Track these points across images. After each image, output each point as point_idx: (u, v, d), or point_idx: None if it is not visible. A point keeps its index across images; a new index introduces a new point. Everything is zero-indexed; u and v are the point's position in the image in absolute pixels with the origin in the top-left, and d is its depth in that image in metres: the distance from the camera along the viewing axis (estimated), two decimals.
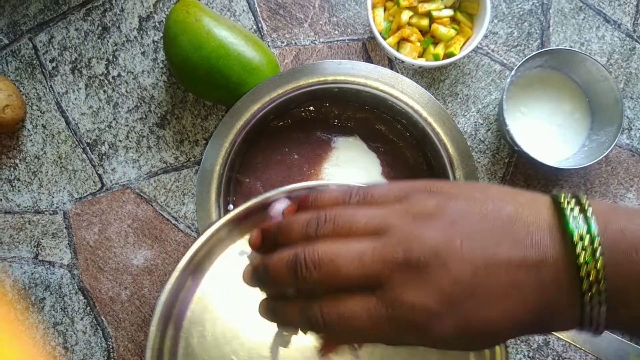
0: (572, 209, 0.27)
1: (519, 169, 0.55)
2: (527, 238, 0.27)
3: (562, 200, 0.27)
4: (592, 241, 0.25)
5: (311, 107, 0.54)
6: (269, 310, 0.32)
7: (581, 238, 0.26)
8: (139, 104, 0.57)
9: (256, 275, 0.32)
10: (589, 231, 0.26)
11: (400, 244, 0.27)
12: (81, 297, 0.56)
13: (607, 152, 0.49)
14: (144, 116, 0.57)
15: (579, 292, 0.26)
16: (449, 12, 0.53)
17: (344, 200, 0.31)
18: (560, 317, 0.27)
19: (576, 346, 0.40)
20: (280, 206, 0.38)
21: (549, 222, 0.27)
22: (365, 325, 0.28)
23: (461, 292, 0.27)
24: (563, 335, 0.40)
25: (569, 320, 0.27)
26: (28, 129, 0.58)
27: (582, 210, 0.27)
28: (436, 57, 0.53)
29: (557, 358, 0.53)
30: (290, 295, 0.31)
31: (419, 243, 0.27)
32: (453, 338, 0.27)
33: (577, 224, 0.26)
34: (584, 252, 0.25)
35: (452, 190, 0.29)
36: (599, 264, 0.25)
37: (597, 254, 0.25)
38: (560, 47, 0.54)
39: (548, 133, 0.53)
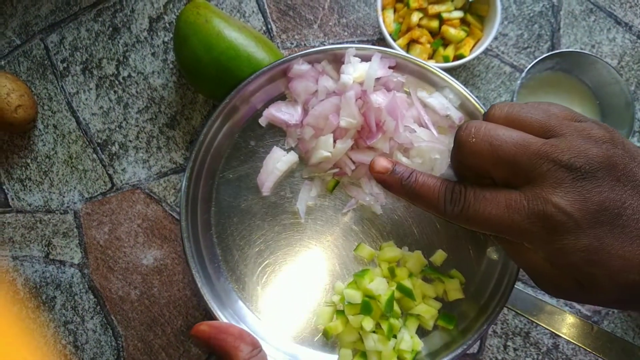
0: None
1: None
2: None
3: None
4: None
5: None
6: (403, 189, 0.36)
7: None
8: (149, 105, 0.57)
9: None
10: None
11: (568, 149, 0.29)
12: (91, 296, 0.56)
13: None
14: (154, 117, 0.57)
15: None
16: (459, 14, 0.53)
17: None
18: None
19: (587, 350, 0.40)
20: (299, 68, 0.45)
21: None
22: (500, 214, 0.30)
23: (613, 213, 0.28)
24: (574, 339, 0.40)
25: None
26: (39, 129, 0.58)
27: None
28: (446, 59, 0.52)
29: None
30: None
31: (585, 155, 0.29)
32: (579, 258, 0.28)
33: None
34: None
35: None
36: None
37: None
38: (570, 49, 0.54)
39: None
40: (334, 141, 0.45)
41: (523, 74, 0.50)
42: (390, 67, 0.46)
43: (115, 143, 0.57)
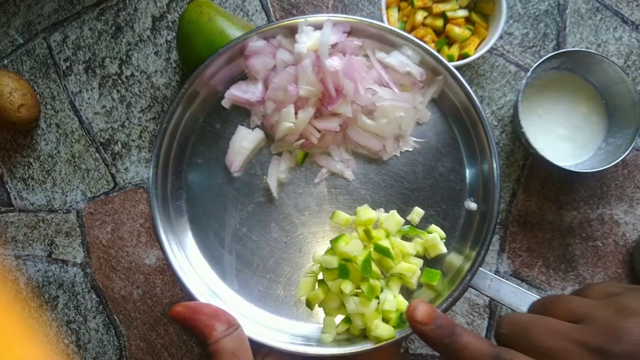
0: None
1: (534, 172, 0.54)
2: None
3: None
4: None
5: None
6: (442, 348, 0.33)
7: None
8: (151, 104, 0.57)
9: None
10: None
11: (600, 332, 0.29)
12: (94, 296, 0.56)
13: (624, 155, 0.48)
14: (157, 116, 0.57)
15: None
16: (464, 13, 0.53)
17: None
18: None
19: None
20: (254, 44, 0.45)
21: None
22: None
23: None
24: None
25: None
26: (42, 128, 0.58)
27: None
28: (450, 58, 0.52)
29: None
30: None
31: (619, 337, 0.28)
32: None
33: None
34: None
35: None
36: None
37: None
38: (576, 49, 0.54)
39: (564, 135, 0.53)
40: (296, 112, 0.45)
41: (528, 73, 0.49)
42: (346, 33, 0.46)
43: (118, 142, 0.57)
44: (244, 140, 0.46)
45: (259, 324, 0.44)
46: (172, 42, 0.57)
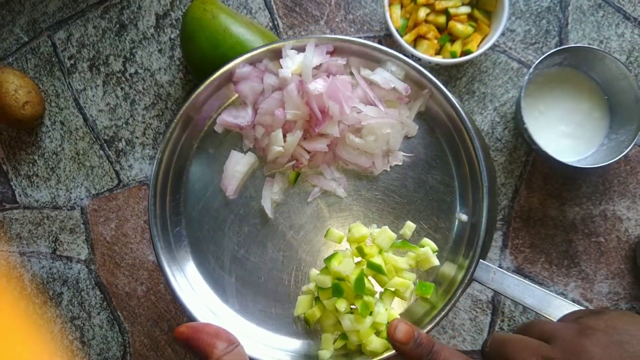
0: None
1: (537, 168, 0.54)
2: None
3: None
4: None
5: None
6: None
7: None
8: (155, 101, 0.57)
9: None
10: None
11: (563, 349, 0.33)
12: (98, 292, 0.57)
13: (627, 151, 0.48)
14: (161, 113, 0.57)
15: None
16: (467, 9, 0.53)
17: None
18: None
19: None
20: (241, 70, 0.46)
21: None
22: None
23: None
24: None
25: None
26: (47, 125, 0.58)
27: None
28: (453, 55, 0.52)
29: None
30: None
31: (578, 353, 0.32)
32: None
33: None
34: None
35: (619, 317, 0.35)
36: None
37: None
38: (579, 45, 0.54)
39: (566, 132, 0.53)
40: (285, 134, 0.46)
41: (531, 70, 0.49)
42: (330, 52, 0.47)
43: (122, 139, 0.57)
44: (238, 165, 0.47)
45: (259, 342, 0.45)
46: (175, 40, 0.58)
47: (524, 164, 0.55)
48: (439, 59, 0.52)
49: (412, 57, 0.55)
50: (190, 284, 0.46)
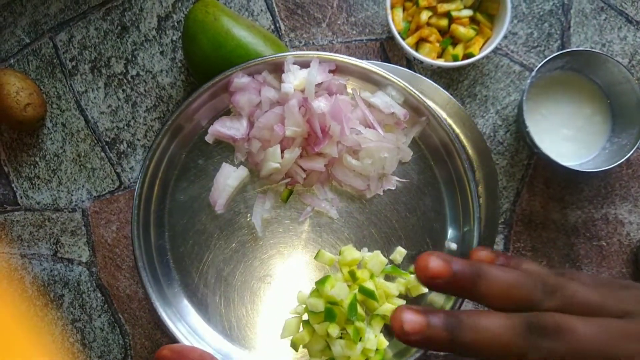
0: None
1: (538, 171, 0.54)
2: None
3: None
4: None
5: None
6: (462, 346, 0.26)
7: None
8: (157, 103, 0.57)
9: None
10: None
11: None
12: (99, 295, 0.57)
13: (629, 155, 0.48)
14: (162, 115, 0.57)
15: None
16: (469, 12, 0.53)
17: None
18: None
19: None
20: (239, 81, 0.44)
21: None
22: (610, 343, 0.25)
23: None
24: None
25: None
26: (48, 127, 0.58)
27: None
28: (455, 58, 0.52)
29: None
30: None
31: None
32: None
33: None
34: None
35: None
36: None
37: None
38: (581, 48, 0.54)
39: (568, 135, 0.53)
40: (282, 151, 0.45)
41: (533, 73, 0.49)
42: (331, 71, 0.46)
43: (123, 141, 0.57)
44: (229, 178, 0.46)
45: None
46: (177, 42, 0.58)
47: (525, 168, 0.55)
48: (440, 62, 0.52)
49: (414, 60, 0.55)
50: (172, 302, 0.45)
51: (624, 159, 0.48)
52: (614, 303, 0.26)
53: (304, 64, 0.45)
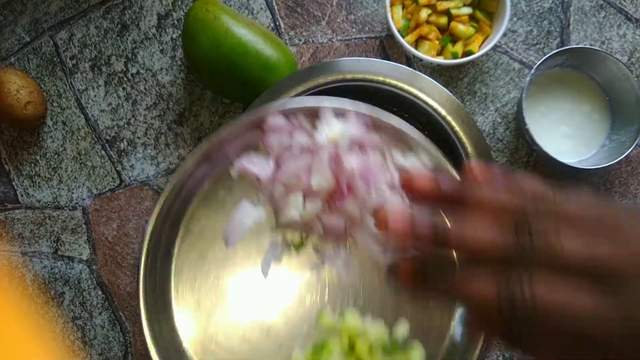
0: None
1: (538, 169, 0.55)
2: None
3: None
4: None
5: None
6: (446, 293, 0.25)
7: None
8: (157, 101, 0.57)
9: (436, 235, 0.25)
10: None
11: None
12: (100, 292, 0.57)
13: (628, 152, 0.48)
14: (162, 113, 0.57)
15: None
16: (468, 10, 0.53)
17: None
18: None
19: None
20: (274, 121, 0.43)
21: None
22: (585, 324, 0.22)
23: None
24: None
25: None
26: (48, 125, 0.58)
27: None
28: (455, 55, 0.52)
29: None
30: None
31: None
32: None
33: None
34: None
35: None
36: None
37: None
38: (580, 46, 0.54)
39: (567, 132, 0.53)
40: (304, 200, 0.43)
41: (532, 71, 0.50)
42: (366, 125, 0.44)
43: (123, 140, 0.58)
44: (246, 216, 0.44)
45: None
46: (177, 40, 0.58)
47: (525, 165, 0.55)
48: (440, 60, 0.52)
49: (414, 57, 0.55)
50: (166, 340, 0.44)
51: (623, 156, 0.48)
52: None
53: (340, 112, 0.44)
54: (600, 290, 0.22)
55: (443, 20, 0.53)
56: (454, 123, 0.50)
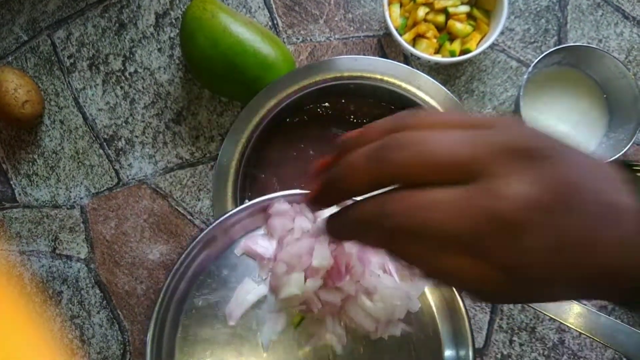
0: None
1: None
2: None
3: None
4: None
5: (327, 104, 0.54)
6: (335, 220, 0.27)
7: None
8: (155, 100, 0.57)
9: (326, 182, 0.26)
10: None
11: (514, 134, 0.23)
12: (97, 291, 0.57)
13: (625, 149, 0.48)
14: (160, 112, 0.57)
15: None
16: (466, 8, 0.53)
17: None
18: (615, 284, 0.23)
19: (594, 339, 0.40)
20: (279, 207, 0.46)
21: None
22: (449, 219, 0.22)
23: (576, 197, 0.22)
24: (582, 329, 0.40)
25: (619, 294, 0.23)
26: (46, 124, 0.58)
27: None
28: (452, 54, 0.52)
29: (572, 357, 0.53)
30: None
31: (536, 137, 0.23)
32: (548, 251, 0.22)
33: None
34: None
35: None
36: None
37: None
38: (577, 44, 0.54)
39: (565, 130, 0.53)
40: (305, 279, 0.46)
41: (529, 69, 0.50)
42: None
43: (121, 138, 0.57)
44: (249, 294, 0.47)
45: None
46: (175, 39, 0.58)
47: None
48: (438, 58, 0.52)
49: (412, 56, 0.55)
50: None
51: (621, 153, 0.48)
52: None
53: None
54: (456, 187, 0.22)
55: (441, 18, 0.53)
56: None
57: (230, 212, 0.46)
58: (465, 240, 0.22)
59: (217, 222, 0.46)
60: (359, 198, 0.25)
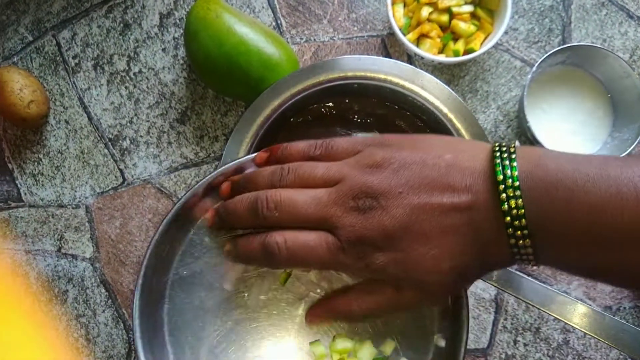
0: (501, 153, 0.29)
1: None
2: (461, 182, 0.30)
3: (495, 146, 0.30)
4: (512, 181, 0.28)
5: (331, 103, 0.54)
6: (232, 248, 0.38)
7: (504, 178, 0.28)
8: (159, 100, 0.58)
9: (217, 217, 0.38)
10: (511, 173, 0.28)
11: (350, 191, 0.32)
12: (103, 290, 0.57)
13: (630, 149, 0.48)
14: (165, 112, 0.58)
15: (505, 229, 0.29)
16: (469, 8, 0.53)
17: (309, 152, 0.36)
18: (495, 254, 0.30)
19: (599, 339, 0.40)
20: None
21: (484, 167, 0.30)
22: (324, 254, 0.33)
23: (399, 230, 0.31)
24: (586, 329, 0.40)
25: (504, 256, 0.30)
26: (51, 124, 0.59)
27: (510, 154, 0.29)
28: (456, 53, 0.52)
29: (577, 357, 0.53)
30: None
31: (365, 190, 0.32)
32: (394, 270, 0.32)
33: (502, 166, 0.29)
34: (505, 191, 0.28)
35: (400, 143, 0.33)
36: (519, 202, 0.28)
37: (517, 192, 0.28)
38: (582, 44, 0.54)
39: (569, 130, 0.53)
40: None
41: (534, 69, 0.50)
42: None
43: (126, 138, 0.58)
44: None
45: None
46: (179, 39, 0.58)
47: None
48: (441, 58, 0.52)
49: (415, 56, 0.55)
50: None
51: (626, 153, 0.48)
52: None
53: None
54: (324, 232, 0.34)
55: (444, 18, 0.53)
56: (455, 121, 0.50)
57: (203, 180, 0.44)
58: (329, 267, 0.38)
59: (191, 190, 0.44)
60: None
